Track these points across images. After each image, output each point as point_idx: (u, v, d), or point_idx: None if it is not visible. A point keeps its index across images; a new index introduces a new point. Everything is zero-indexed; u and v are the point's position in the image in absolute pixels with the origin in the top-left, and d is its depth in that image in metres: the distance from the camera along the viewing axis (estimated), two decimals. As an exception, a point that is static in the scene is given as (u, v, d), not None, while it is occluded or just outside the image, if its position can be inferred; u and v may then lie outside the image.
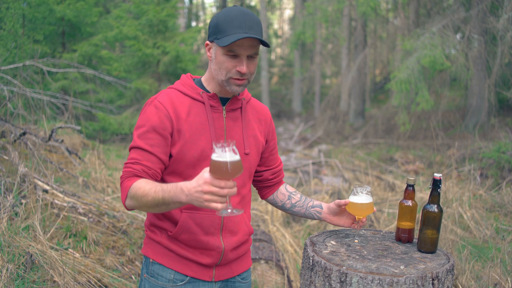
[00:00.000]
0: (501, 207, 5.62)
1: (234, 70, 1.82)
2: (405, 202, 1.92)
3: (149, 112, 1.85)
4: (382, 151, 12.12)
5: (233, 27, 1.78)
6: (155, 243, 1.96)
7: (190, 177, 1.82)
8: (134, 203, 1.77)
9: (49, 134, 5.37)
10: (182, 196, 1.63)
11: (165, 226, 1.92)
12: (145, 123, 1.84)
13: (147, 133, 1.82)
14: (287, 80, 28.58)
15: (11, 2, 7.61)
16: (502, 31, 9.45)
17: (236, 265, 2.05)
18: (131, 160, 1.82)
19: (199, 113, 1.88)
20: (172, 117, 1.83)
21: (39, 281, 3.10)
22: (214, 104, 1.91)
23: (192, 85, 1.92)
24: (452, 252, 3.99)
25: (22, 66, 6.98)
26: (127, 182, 1.78)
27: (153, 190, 1.70)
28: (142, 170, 1.80)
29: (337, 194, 6.44)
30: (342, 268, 1.66)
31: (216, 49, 1.83)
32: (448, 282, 1.70)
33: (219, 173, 1.57)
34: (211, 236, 1.92)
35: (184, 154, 1.84)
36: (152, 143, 1.82)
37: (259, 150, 2.05)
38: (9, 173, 4.31)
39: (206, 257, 1.93)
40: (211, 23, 1.86)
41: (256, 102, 2.11)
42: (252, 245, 4.05)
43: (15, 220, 3.67)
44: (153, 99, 1.88)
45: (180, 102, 1.87)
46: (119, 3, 14.71)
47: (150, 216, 1.98)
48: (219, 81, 1.87)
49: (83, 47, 9.58)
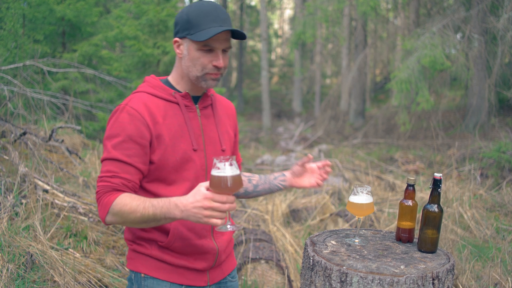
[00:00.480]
0: (502, 207, 5.62)
1: (210, 65, 1.77)
2: (405, 202, 1.92)
3: (123, 120, 1.73)
4: (382, 151, 12.12)
5: (207, 21, 1.73)
6: (145, 256, 1.86)
7: (174, 182, 1.80)
8: (117, 219, 1.69)
9: (49, 134, 5.36)
10: (177, 212, 1.61)
11: (155, 237, 1.83)
12: (119, 132, 1.72)
13: (123, 143, 1.71)
14: (287, 80, 28.59)
15: (11, 2, 7.61)
16: (502, 31, 9.45)
17: (226, 265, 2.02)
18: (108, 173, 1.71)
19: (175, 114, 1.81)
20: (149, 123, 1.73)
21: (39, 281, 3.10)
22: (188, 103, 1.85)
23: (162, 86, 1.84)
24: (453, 252, 3.99)
25: (23, 66, 6.98)
26: (108, 197, 1.69)
27: (142, 206, 1.64)
28: (122, 184, 1.71)
29: (337, 194, 6.44)
30: (343, 268, 1.66)
31: (189, 45, 1.76)
32: (448, 282, 1.70)
33: (219, 188, 1.57)
34: (204, 239, 1.87)
35: (166, 159, 1.76)
36: (130, 153, 1.71)
37: (232, 146, 2.02)
38: (9, 173, 4.31)
39: (201, 261, 1.88)
40: (180, 19, 1.78)
41: (221, 98, 2.06)
42: (253, 245, 4.05)
43: (15, 220, 3.67)
44: (124, 105, 1.76)
45: (154, 105, 1.78)
46: (119, 3, 14.72)
47: (133, 229, 1.87)
48: (193, 78, 1.81)
49: (83, 47, 9.59)
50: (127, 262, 1.91)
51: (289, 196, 6.26)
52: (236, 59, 28.11)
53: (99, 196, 1.71)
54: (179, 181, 1.80)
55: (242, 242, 4.21)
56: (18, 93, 6.18)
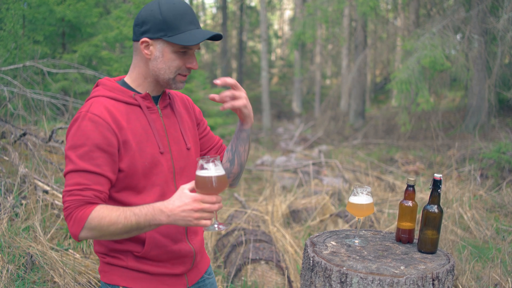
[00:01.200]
0: (501, 208, 5.62)
1: (184, 67, 1.74)
2: (405, 203, 1.92)
3: (86, 128, 1.61)
4: (382, 151, 12.13)
5: (185, 23, 1.68)
6: (121, 268, 1.78)
7: (144, 188, 1.72)
8: (93, 234, 1.60)
9: (49, 134, 5.36)
10: (162, 218, 1.57)
11: (130, 248, 1.76)
12: (84, 141, 1.60)
13: (90, 152, 1.60)
14: (287, 81, 28.61)
15: (11, 2, 7.61)
16: (502, 32, 9.46)
17: (201, 264, 1.98)
18: (77, 186, 1.59)
19: (138, 117, 1.73)
20: (115, 129, 1.64)
21: (39, 282, 3.10)
22: (149, 104, 1.78)
23: (120, 89, 1.74)
24: (453, 252, 3.99)
25: (22, 66, 6.98)
26: (81, 211, 1.58)
27: (123, 216, 1.58)
28: (94, 196, 1.60)
29: (337, 195, 6.44)
30: (343, 269, 1.66)
31: (164, 47, 1.70)
32: (448, 283, 1.70)
33: (206, 189, 1.57)
34: (180, 243, 1.82)
35: (135, 166, 1.68)
36: (99, 163, 1.61)
37: (196, 141, 1.96)
38: (9, 174, 4.31)
39: (179, 266, 1.84)
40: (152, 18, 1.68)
41: (175, 93, 1.99)
42: (253, 246, 4.05)
43: (15, 221, 3.67)
44: (85, 112, 1.65)
45: (116, 109, 1.68)
46: (119, 4, 14.72)
47: (105, 242, 1.78)
48: (163, 80, 1.74)
49: (83, 47, 9.58)
50: (101, 275, 1.83)
51: (289, 196, 6.27)
52: (236, 60, 28.13)
53: (70, 211, 1.59)
54: (149, 187, 1.73)
55: (242, 243, 4.21)
56: (18, 94, 6.18)
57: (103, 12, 11.92)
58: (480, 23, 10.44)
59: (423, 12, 14.95)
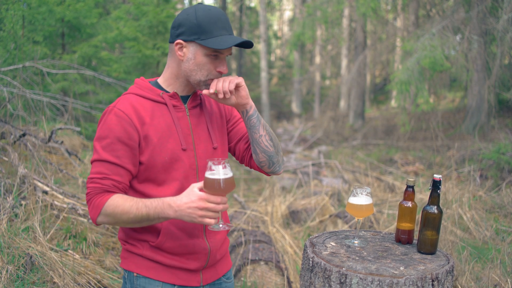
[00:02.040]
0: (501, 208, 5.62)
1: (215, 71, 1.81)
2: (405, 203, 1.92)
3: (111, 122, 1.75)
4: (382, 152, 12.13)
5: (218, 28, 1.76)
6: (137, 256, 1.88)
7: (164, 182, 1.81)
8: (109, 220, 1.73)
9: (49, 135, 5.37)
10: (170, 212, 1.66)
11: (146, 238, 1.86)
12: (108, 133, 1.75)
13: (112, 144, 1.74)
14: (286, 81, 28.62)
15: (11, 3, 7.61)
16: (501, 32, 9.46)
17: (220, 265, 2.02)
18: (98, 174, 1.74)
19: (163, 115, 1.83)
20: (137, 124, 1.76)
21: (39, 283, 3.10)
22: (176, 103, 1.86)
23: (150, 87, 1.86)
24: (452, 253, 3.99)
25: (22, 67, 6.97)
26: (99, 198, 1.72)
27: (135, 207, 1.69)
28: (112, 185, 1.74)
29: (336, 195, 6.44)
30: (342, 269, 1.66)
31: (197, 50, 1.78)
32: (447, 283, 1.70)
33: (213, 190, 1.64)
34: (196, 238, 1.88)
35: (154, 159, 1.78)
36: (119, 155, 1.74)
37: (224, 140, 2.01)
38: (9, 174, 4.31)
39: (193, 261, 1.88)
40: (187, 21, 1.77)
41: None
42: (252, 246, 4.05)
43: (15, 221, 3.67)
44: (112, 107, 1.78)
45: (141, 106, 1.80)
46: (118, 4, 14.73)
47: (126, 230, 1.90)
48: (194, 81, 1.82)
49: (83, 48, 9.58)
50: (121, 261, 1.94)
51: (288, 197, 6.27)
52: (235, 61, 28.12)
53: (90, 197, 1.74)
54: (169, 181, 1.82)
55: (241, 244, 4.21)
56: (18, 94, 6.18)
57: (103, 13, 11.92)
58: (480, 24, 10.45)
59: (423, 13, 14.96)
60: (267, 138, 1.92)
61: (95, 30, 10.52)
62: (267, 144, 1.92)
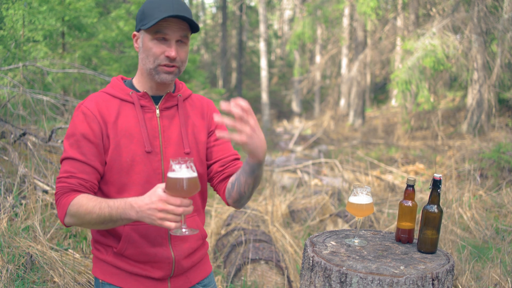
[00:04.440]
0: (501, 208, 5.62)
1: (163, 56, 1.71)
2: (405, 203, 1.92)
3: (77, 119, 1.72)
4: (382, 151, 12.13)
5: (160, 11, 1.68)
6: (102, 262, 1.81)
7: (125, 185, 1.73)
8: (74, 220, 1.66)
9: (49, 134, 5.36)
10: (132, 213, 1.56)
11: (110, 243, 1.78)
12: (74, 131, 1.71)
13: (78, 141, 1.69)
14: (287, 81, 28.60)
15: (11, 2, 7.61)
16: (502, 31, 9.46)
17: (192, 273, 1.91)
18: (65, 173, 1.69)
19: (129, 115, 1.76)
20: (100, 122, 1.71)
21: (39, 282, 3.10)
22: (145, 103, 1.79)
23: (121, 86, 1.80)
24: (452, 252, 3.99)
25: (22, 66, 6.98)
26: (65, 198, 1.66)
27: (98, 207, 1.60)
28: (79, 184, 1.67)
29: (337, 194, 6.44)
30: (342, 269, 1.66)
31: (144, 36, 1.73)
32: (448, 283, 1.70)
33: (175, 191, 1.53)
34: (159, 247, 1.78)
35: (115, 160, 1.71)
36: (84, 152, 1.69)
37: (200, 148, 1.88)
38: (9, 174, 4.31)
39: (157, 270, 1.79)
40: (138, 13, 1.76)
41: (198, 97, 1.96)
42: (252, 246, 4.05)
43: (15, 220, 3.67)
44: (80, 105, 1.75)
45: (107, 105, 1.74)
46: (119, 4, 14.72)
47: (93, 234, 1.83)
48: (147, 71, 1.75)
49: (83, 47, 9.58)
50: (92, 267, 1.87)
51: (288, 196, 6.27)
52: (235, 60, 28.12)
53: (58, 197, 1.68)
54: (129, 185, 1.74)
55: (241, 243, 4.21)
56: (18, 93, 6.18)
57: (103, 12, 11.92)
58: (480, 23, 10.44)
59: (423, 12, 14.95)
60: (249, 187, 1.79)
61: (95, 29, 10.52)
62: (245, 190, 1.80)
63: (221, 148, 1.93)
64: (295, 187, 7.30)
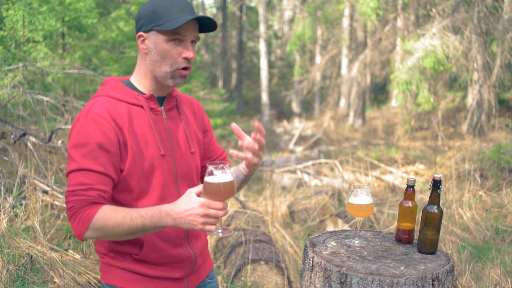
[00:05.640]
0: (501, 208, 5.62)
1: (180, 58, 1.68)
2: (405, 203, 1.92)
3: (88, 127, 1.60)
4: (382, 151, 12.13)
5: (175, 11, 1.64)
6: (119, 269, 1.76)
7: (143, 191, 1.71)
8: (98, 234, 1.58)
9: (49, 135, 5.36)
10: (169, 220, 1.56)
11: (128, 251, 1.74)
12: (87, 140, 1.59)
13: (93, 151, 1.59)
14: (287, 81, 28.60)
15: (11, 2, 7.61)
16: (502, 32, 9.46)
17: (203, 268, 1.95)
18: (81, 185, 1.57)
19: (140, 119, 1.71)
20: (116, 129, 1.63)
21: (39, 282, 3.10)
22: (153, 106, 1.75)
23: (124, 89, 1.73)
24: (452, 253, 3.98)
25: (22, 67, 6.98)
26: (86, 212, 1.55)
27: (129, 217, 1.55)
28: (99, 196, 1.58)
29: (337, 195, 6.44)
30: (342, 269, 1.66)
31: (157, 37, 1.67)
32: (448, 283, 1.70)
33: (213, 195, 1.56)
34: (180, 247, 1.80)
35: (135, 167, 1.67)
36: (102, 162, 1.59)
37: (201, 146, 1.93)
38: (9, 174, 4.31)
39: (178, 270, 1.81)
40: (144, 11, 1.68)
41: (185, 96, 1.96)
42: (252, 246, 4.05)
43: (15, 221, 3.67)
44: (87, 111, 1.64)
45: (118, 110, 1.66)
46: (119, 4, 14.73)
47: (105, 242, 1.77)
48: (160, 74, 1.70)
49: (83, 48, 9.58)
50: (101, 275, 1.82)
51: (288, 197, 6.27)
52: (235, 60, 28.12)
53: (75, 211, 1.56)
54: (149, 190, 1.72)
55: (241, 243, 4.21)
56: (18, 94, 6.19)
57: (103, 13, 11.92)
58: (480, 24, 10.44)
59: (423, 12, 14.95)
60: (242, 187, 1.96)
61: (95, 30, 10.52)
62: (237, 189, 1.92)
63: (213, 148, 2.03)
64: (295, 188, 7.30)
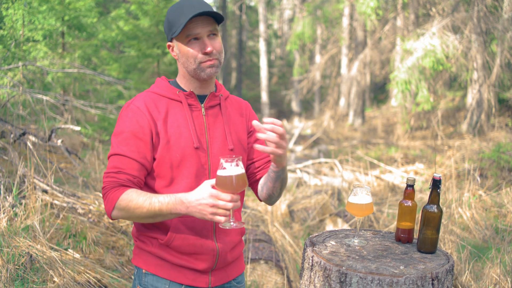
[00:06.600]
0: (501, 207, 5.62)
1: (201, 54, 1.81)
2: (404, 203, 1.92)
3: (126, 117, 1.81)
4: (382, 151, 12.12)
5: (183, 15, 1.77)
6: (146, 252, 1.90)
7: (175, 179, 1.83)
8: (122, 214, 1.75)
9: (49, 134, 5.37)
10: (182, 208, 1.67)
11: (155, 235, 1.86)
12: (123, 128, 1.80)
13: (127, 139, 1.78)
14: (286, 81, 28.59)
15: (11, 2, 7.61)
16: (501, 31, 9.46)
17: (231, 268, 1.99)
18: (114, 168, 1.77)
19: (178, 113, 1.85)
20: (150, 121, 1.80)
21: (38, 282, 3.10)
22: (192, 102, 1.88)
23: (167, 86, 1.90)
24: (452, 252, 3.99)
25: (22, 66, 6.98)
26: (114, 193, 1.74)
27: (148, 202, 1.69)
28: (127, 179, 1.76)
29: (336, 194, 6.44)
30: (342, 269, 1.66)
31: (178, 44, 1.84)
32: (447, 283, 1.70)
33: (225, 187, 1.64)
34: (205, 239, 1.86)
35: (165, 156, 1.81)
36: (134, 149, 1.77)
37: (244, 146, 2.00)
38: (9, 174, 4.31)
39: (201, 262, 1.87)
40: (165, 24, 1.87)
41: (235, 98, 2.07)
42: (252, 245, 4.05)
43: (14, 220, 3.67)
44: (129, 104, 1.85)
45: (157, 103, 1.84)
46: (119, 4, 14.72)
47: (137, 225, 1.92)
48: (191, 72, 1.85)
49: (83, 47, 9.58)
50: (132, 257, 1.96)
51: (288, 196, 6.27)
52: (235, 60, 28.12)
53: (106, 191, 1.75)
54: (179, 179, 1.83)
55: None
56: (18, 93, 6.18)
57: (103, 12, 11.91)
58: (480, 23, 10.44)
59: (423, 12, 14.94)
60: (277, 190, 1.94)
61: (95, 29, 10.52)
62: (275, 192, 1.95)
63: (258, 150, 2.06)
64: (295, 187, 7.30)
